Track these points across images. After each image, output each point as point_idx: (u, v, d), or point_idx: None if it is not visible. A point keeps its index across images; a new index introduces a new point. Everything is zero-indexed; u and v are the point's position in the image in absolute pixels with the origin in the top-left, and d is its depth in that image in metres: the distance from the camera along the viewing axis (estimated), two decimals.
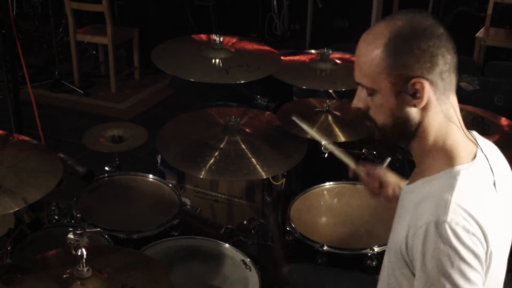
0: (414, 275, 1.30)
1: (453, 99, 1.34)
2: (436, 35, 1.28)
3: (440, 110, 1.32)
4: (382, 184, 1.73)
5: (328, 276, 2.11)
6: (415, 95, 1.29)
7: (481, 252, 1.23)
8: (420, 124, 1.33)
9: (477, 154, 1.34)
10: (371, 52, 1.31)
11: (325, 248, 2.12)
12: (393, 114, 1.33)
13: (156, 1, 5.40)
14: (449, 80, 1.31)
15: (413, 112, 1.32)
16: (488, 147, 1.42)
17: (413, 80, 1.28)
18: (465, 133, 1.36)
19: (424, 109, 1.31)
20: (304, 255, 2.17)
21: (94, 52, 5.58)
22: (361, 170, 1.78)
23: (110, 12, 4.75)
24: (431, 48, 1.28)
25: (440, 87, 1.30)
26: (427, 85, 1.28)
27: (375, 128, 1.38)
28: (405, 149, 1.42)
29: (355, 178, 1.84)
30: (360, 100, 1.37)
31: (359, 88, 1.38)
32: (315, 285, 2.09)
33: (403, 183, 1.66)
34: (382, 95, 1.33)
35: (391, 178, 1.73)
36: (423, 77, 1.28)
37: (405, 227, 1.30)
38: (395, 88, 1.30)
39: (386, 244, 1.41)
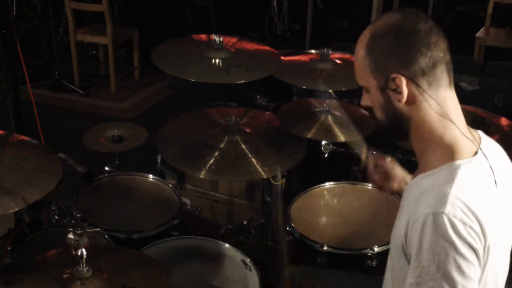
0: None
1: (447, 95, 1.34)
2: (413, 31, 1.30)
3: (429, 105, 1.32)
4: (388, 177, 1.72)
5: (330, 276, 2.11)
6: (397, 91, 1.32)
7: (478, 247, 1.23)
8: (411, 119, 1.35)
9: (478, 152, 1.35)
10: (357, 52, 1.37)
11: (325, 248, 2.12)
12: (385, 111, 1.37)
13: (156, 1, 5.40)
14: (435, 76, 1.31)
15: (401, 108, 1.34)
16: (491, 146, 1.42)
17: (391, 76, 1.31)
18: (465, 132, 1.35)
19: (411, 104, 1.33)
20: (304, 255, 2.17)
21: (94, 52, 5.58)
22: (370, 160, 1.77)
23: (110, 12, 4.75)
24: (406, 45, 1.30)
25: (423, 82, 1.31)
26: (404, 81, 1.30)
27: (379, 125, 1.41)
28: (405, 149, 1.43)
29: (357, 178, 1.84)
30: (365, 98, 1.42)
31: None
32: (317, 286, 2.09)
33: (410, 178, 1.66)
34: (372, 92, 1.38)
35: (399, 172, 1.72)
36: (400, 73, 1.30)
37: (405, 220, 1.31)
38: (380, 85, 1.34)
39: (386, 244, 1.42)
